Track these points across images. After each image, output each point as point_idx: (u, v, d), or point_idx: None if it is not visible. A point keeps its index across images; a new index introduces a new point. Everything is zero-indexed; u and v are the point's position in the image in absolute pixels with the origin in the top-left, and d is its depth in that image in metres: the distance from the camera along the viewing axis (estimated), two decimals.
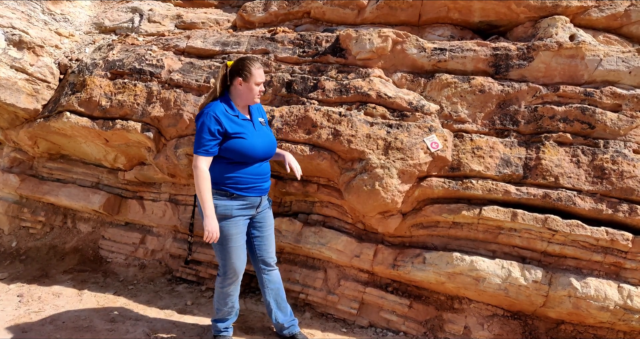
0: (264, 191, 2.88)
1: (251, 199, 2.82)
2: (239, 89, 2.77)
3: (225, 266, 2.83)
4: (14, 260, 4.37)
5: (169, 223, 4.11)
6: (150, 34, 4.47)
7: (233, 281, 2.88)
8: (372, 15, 3.86)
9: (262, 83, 2.80)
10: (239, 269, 2.85)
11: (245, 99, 2.81)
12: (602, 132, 3.03)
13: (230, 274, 2.85)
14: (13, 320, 3.28)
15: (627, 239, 2.84)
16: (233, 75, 2.77)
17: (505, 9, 3.54)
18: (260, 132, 2.83)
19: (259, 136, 2.80)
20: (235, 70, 2.76)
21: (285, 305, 3.08)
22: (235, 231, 2.77)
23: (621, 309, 2.82)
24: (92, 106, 3.87)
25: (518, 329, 3.15)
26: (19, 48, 3.99)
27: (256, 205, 2.86)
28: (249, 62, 2.76)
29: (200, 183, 2.64)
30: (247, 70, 2.73)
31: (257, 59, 2.80)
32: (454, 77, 3.32)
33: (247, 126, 2.78)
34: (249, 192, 2.79)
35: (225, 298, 2.93)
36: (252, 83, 2.75)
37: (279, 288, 3.04)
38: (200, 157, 2.66)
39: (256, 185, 2.82)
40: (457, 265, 3.04)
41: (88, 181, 4.49)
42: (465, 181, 3.10)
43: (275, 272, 3.04)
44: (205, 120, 2.66)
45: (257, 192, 2.83)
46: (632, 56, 3.10)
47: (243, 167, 2.76)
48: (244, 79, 2.75)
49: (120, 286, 3.88)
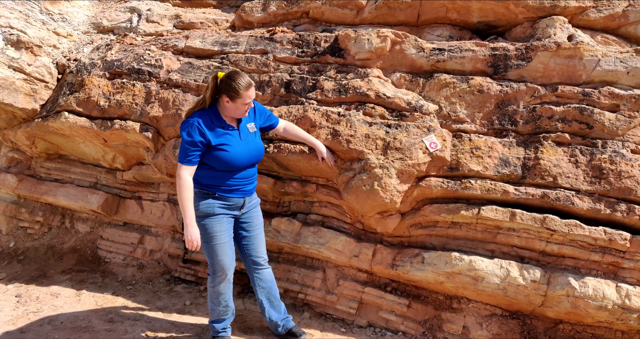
0: (247, 192, 2.92)
1: (234, 199, 2.87)
2: (226, 105, 2.75)
3: (213, 264, 2.87)
4: (12, 260, 4.36)
5: (167, 223, 4.11)
6: (149, 34, 4.46)
7: (222, 279, 2.90)
8: (370, 15, 3.86)
9: (250, 102, 2.76)
10: (226, 266, 2.87)
11: (232, 113, 2.79)
12: (600, 133, 3.04)
13: (218, 271, 2.87)
14: (11, 320, 3.28)
15: (625, 238, 2.85)
16: (221, 92, 2.74)
17: (504, 10, 3.55)
18: (246, 141, 2.82)
19: (243, 146, 2.80)
20: (223, 88, 2.71)
21: (279, 303, 3.08)
22: (219, 228, 2.81)
23: (619, 309, 2.83)
24: (91, 105, 3.87)
25: (516, 328, 3.16)
26: (17, 48, 3.98)
27: (240, 205, 2.90)
28: (238, 83, 2.68)
29: (182, 192, 2.68)
30: (235, 91, 2.68)
31: (245, 77, 2.71)
32: (452, 78, 3.32)
33: (231, 136, 2.78)
34: (232, 194, 2.85)
35: (217, 296, 2.95)
36: (239, 103, 2.72)
37: (271, 286, 3.05)
38: (184, 167, 2.70)
39: (239, 187, 2.86)
40: (456, 265, 3.04)
41: (86, 181, 4.48)
42: (464, 181, 3.11)
43: (266, 270, 3.05)
44: (190, 131, 2.69)
45: (240, 194, 2.88)
46: (630, 57, 3.11)
47: (226, 173, 2.80)
48: (231, 99, 2.71)
49: (119, 286, 3.87)
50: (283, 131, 3.18)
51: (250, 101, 2.75)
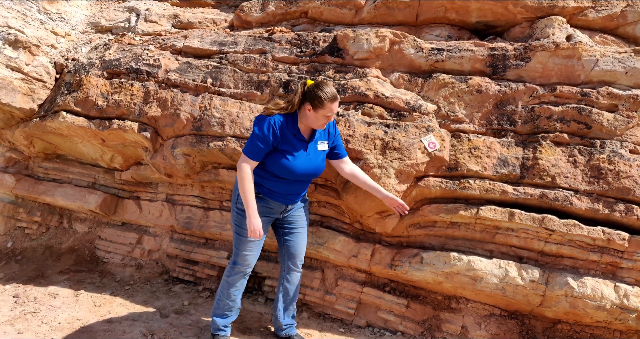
0: (290, 201, 2.92)
1: (276, 204, 2.88)
2: (307, 113, 2.73)
3: (237, 254, 2.93)
4: (9, 260, 4.35)
5: (165, 223, 4.10)
6: (147, 33, 4.45)
7: (241, 272, 2.95)
8: (369, 15, 3.86)
9: (332, 115, 2.71)
10: (248, 262, 2.92)
11: (310, 123, 2.75)
12: (598, 133, 3.05)
13: (239, 263, 2.92)
14: (9, 321, 3.26)
15: (623, 238, 2.85)
16: (305, 99, 2.71)
17: (503, 10, 3.55)
18: (310, 157, 2.80)
19: (305, 160, 2.78)
20: (309, 96, 2.68)
21: (292, 308, 3.11)
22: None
23: (617, 309, 2.83)
24: (89, 105, 3.86)
25: (515, 328, 3.16)
26: (15, 47, 3.96)
27: (281, 210, 2.93)
28: (325, 92, 2.65)
29: (244, 184, 2.69)
30: (319, 101, 2.65)
31: (332, 89, 2.67)
32: (451, 78, 3.32)
33: (299, 147, 2.76)
34: (276, 199, 2.86)
35: (229, 287, 2.97)
36: (320, 114, 2.69)
37: (294, 289, 3.08)
38: (246, 159, 2.72)
39: (285, 195, 2.87)
40: (455, 265, 3.04)
41: (84, 181, 4.47)
42: (462, 181, 3.11)
43: (296, 273, 3.08)
44: (264, 126, 2.69)
45: (283, 201, 2.89)
46: (629, 57, 3.12)
47: (279, 180, 2.81)
48: (314, 108, 2.69)
49: (117, 287, 3.86)
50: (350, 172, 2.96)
51: (332, 115, 2.70)
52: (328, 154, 2.94)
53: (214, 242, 3.95)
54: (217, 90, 3.66)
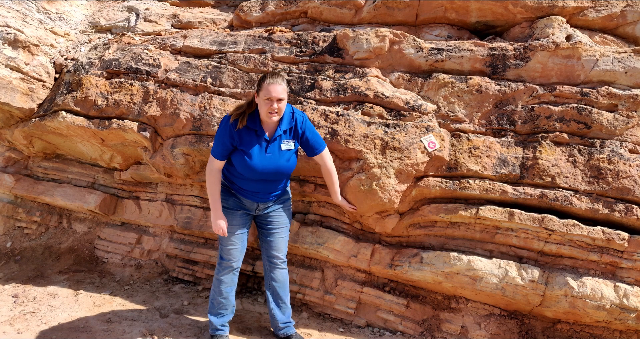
0: (262, 199, 2.97)
1: (247, 201, 2.97)
2: (257, 103, 2.77)
3: (221, 250, 3.00)
4: (8, 260, 4.35)
5: (165, 223, 4.09)
6: (147, 33, 4.45)
7: (229, 267, 2.99)
8: (369, 15, 3.86)
9: (274, 100, 2.65)
10: (232, 256, 2.97)
11: (263, 114, 2.75)
12: (598, 132, 3.05)
13: (224, 258, 2.98)
14: (8, 321, 3.26)
15: (623, 238, 2.86)
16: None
17: (502, 9, 3.55)
18: (271, 156, 2.81)
19: (265, 159, 2.80)
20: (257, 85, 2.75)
21: (285, 306, 3.11)
22: (231, 221, 2.94)
23: (617, 308, 2.83)
24: (88, 105, 3.85)
25: (515, 328, 3.16)
26: (14, 47, 3.96)
27: (253, 207, 3.00)
28: (266, 75, 2.68)
29: (207, 182, 2.88)
30: (259, 84, 2.69)
31: (277, 75, 2.66)
32: (451, 77, 3.32)
33: (259, 147, 2.79)
34: (246, 197, 2.96)
35: (219, 284, 3.01)
36: (261, 99, 2.68)
37: (281, 287, 3.08)
38: (211, 158, 2.87)
39: (253, 193, 2.94)
40: (454, 265, 3.04)
41: (84, 181, 4.46)
42: (462, 180, 3.11)
43: (280, 270, 3.09)
44: (222, 128, 2.80)
45: (254, 198, 2.96)
46: (628, 57, 3.12)
47: (243, 177, 2.88)
48: (257, 93, 2.73)
49: (117, 286, 3.86)
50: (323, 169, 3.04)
51: (272, 99, 2.65)
52: (305, 150, 2.98)
53: (213, 242, 3.94)
54: (216, 90, 3.65)
